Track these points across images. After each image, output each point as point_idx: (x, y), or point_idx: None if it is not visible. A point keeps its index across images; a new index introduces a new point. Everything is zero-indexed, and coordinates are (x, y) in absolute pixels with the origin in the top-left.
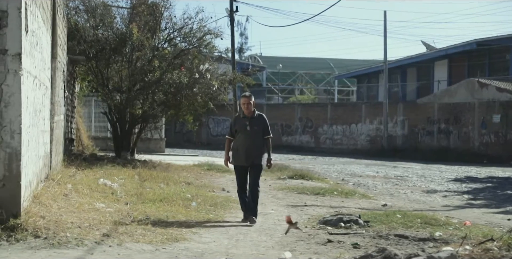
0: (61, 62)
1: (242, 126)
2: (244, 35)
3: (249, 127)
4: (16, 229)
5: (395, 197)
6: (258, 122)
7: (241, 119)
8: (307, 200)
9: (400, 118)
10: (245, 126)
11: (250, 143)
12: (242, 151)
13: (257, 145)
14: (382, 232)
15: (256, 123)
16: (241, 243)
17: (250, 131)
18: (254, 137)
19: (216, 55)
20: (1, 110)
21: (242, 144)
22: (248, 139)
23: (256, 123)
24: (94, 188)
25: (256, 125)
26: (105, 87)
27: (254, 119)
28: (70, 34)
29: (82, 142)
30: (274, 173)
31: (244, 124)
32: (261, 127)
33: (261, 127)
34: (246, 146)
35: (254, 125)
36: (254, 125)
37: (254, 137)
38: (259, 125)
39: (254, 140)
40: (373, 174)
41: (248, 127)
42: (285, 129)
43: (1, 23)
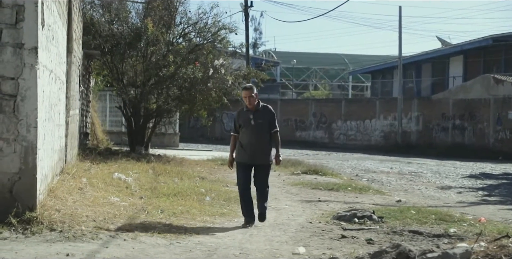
0: (76, 57)
1: (245, 120)
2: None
3: (253, 121)
4: (32, 222)
5: (409, 193)
6: (263, 115)
7: (245, 113)
8: (321, 195)
9: (415, 114)
10: (249, 120)
11: (255, 138)
12: (247, 148)
13: (263, 141)
14: (396, 228)
15: (261, 116)
16: (254, 238)
17: (254, 125)
18: (259, 131)
19: (230, 50)
20: (18, 104)
21: (247, 140)
22: (253, 134)
23: (261, 116)
24: (109, 182)
25: (260, 118)
26: (119, 82)
27: (258, 112)
28: (85, 29)
29: (96, 136)
30: (287, 168)
31: (247, 118)
32: (267, 120)
33: (267, 121)
34: (250, 142)
35: (258, 119)
36: (259, 118)
37: (259, 131)
38: (264, 118)
39: (260, 135)
40: (387, 170)
41: (252, 120)
42: (299, 124)
43: (18, 17)
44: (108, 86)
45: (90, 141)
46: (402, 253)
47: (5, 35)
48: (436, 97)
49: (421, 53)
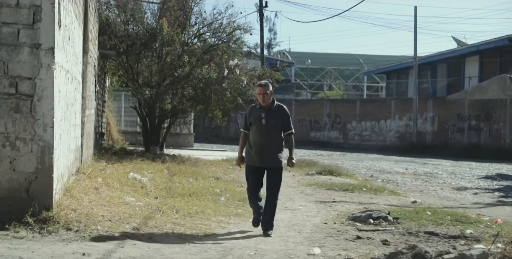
0: (92, 57)
1: (257, 118)
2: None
3: (264, 120)
4: (48, 222)
5: (424, 194)
6: (276, 114)
7: (257, 110)
8: (335, 196)
9: (430, 115)
10: (260, 118)
11: (265, 139)
12: (256, 148)
13: (274, 143)
14: (412, 229)
15: (274, 115)
16: (269, 239)
17: (265, 125)
18: (270, 132)
19: (245, 51)
20: (34, 104)
21: (256, 140)
22: (263, 134)
23: (273, 116)
24: (124, 182)
25: (273, 118)
26: (135, 82)
27: (271, 110)
28: (101, 29)
29: (112, 136)
30: (302, 169)
31: (259, 116)
32: (280, 120)
33: (280, 121)
34: (260, 143)
35: (270, 118)
36: (271, 118)
37: (271, 132)
38: (277, 118)
39: (271, 136)
40: (402, 170)
41: (264, 120)
42: (314, 125)
43: (35, 17)
44: (124, 86)
45: (105, 141)
46: (418, 254)
47: (22, 35)
48: (452, 98)
49: (437, 53)
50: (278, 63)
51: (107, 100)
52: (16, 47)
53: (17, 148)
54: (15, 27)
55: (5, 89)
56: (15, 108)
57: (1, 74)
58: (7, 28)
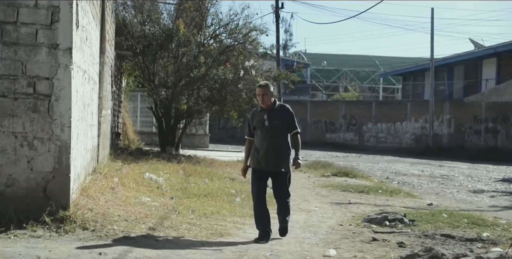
0: (109, 57)
1: (259, 121)
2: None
3: (267, 122)
4: (65, 221)
5: (440, 196)
6: (279, 115)
7: (259, 113)
8: (351, 198)
9: (446, 117)
10: (263, 121)
11: (270, 142)
12: (261, 152)
13: (279, 145)
14: (428, 231)
15: (277, 116)
16: (285, 240)
17: (269, 127)
18: (275, 134)
19: (261, 52)
20: (52, 104)
21: (261, 144)
22: (268, 137)
23: (276, 117)
24: (140, 182)
25: (276, 119)
26: (151, 82)
27: (274, 111)
28: (118, 30)
29: (128, 137)
30: (317, 170)
31: (261, 119)
32: (284, 121)
33: (284, 121)
34: (265, 146)
35: (274, 119)
36: (274, 119)
37: (275, 134)
38: (280, 119)
39: (276, 138)
40: (418, 173)
41: (267, 121)
42: (329, 126)
43: (53, 18)
44: (140, 87)
45: (121, 141)
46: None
47: (40, 35)
48: (469, 100)
49: (454, 55)
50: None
51: (123, 101)
52: (34, 47)
53: (35, 147)
54: (33, 27)
55: (23, 89)
56: (33, 108)
57: (20, 74)
58: (26, 28)
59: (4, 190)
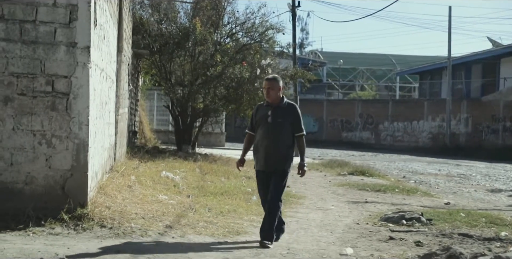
0: (126, 56)
1: (262, 116)
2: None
3: (270, 119)
4: (83, 219)
5: (458, 195)
6: (284, 113)
7: (264, 108)
8: (367, 196)
9: (464, 116)
10: (266, 117)
11: (271, 140)
12: (261, 152)
13: (281, 144)
14: (446, 230)
15: (282, 114)
16: (302, 238)
17: (272, 125)
18: (277, 132)
19: (277, 50)
20: (70, 102)
21: (262, 142)
22: (269, 135)
23: (281, 114)
24: (157, 180)
25: (280, 117)
26: (168, 81)
27: (279, 108)
28: (135, 28)
29: (144, 135)
30: (334, 169)
31: (265, 115)
32: (289, 120)
33: (288, 120)
34: (265, 144)
35: (278, 117)
36: (278, 116)
37: (277, 132)
38: (285, 118)
39: (277, 137)
40: (435, 172)
41: (270, 118)
42: (345, 125)
43: (71, 16)
44: (156, 85)
45: (138, 140)
46: (453, 256)
47: (59, 34)
48: (486, 99)
49: (471, 53)
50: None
51: (140, 99)
52: (53, 46)
53: (53, 145)
54: (52, 26)
55: (41, 87)
56: (51, 106)
57: (38, 72)
58: (44, 27)
59: (23, 188)
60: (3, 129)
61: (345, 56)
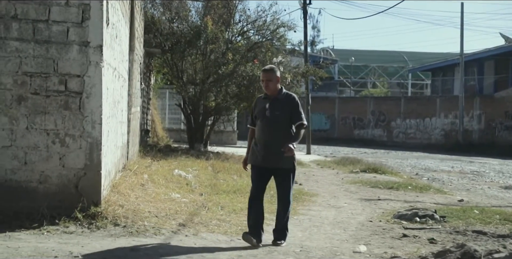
0: (138, 55)
1: (260, 110)
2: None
3: (268, 112)
4: (97, 217)
5: (471, 192)
6: (283, 105)
7: (262, 101)
8: (380, 194)
9: (477, 112)
10: (264, 110)
11: (270, 135)
12: (260, 147)
13: (280, 139)
14: (459, 227)
15: (280, 106)
16: (315, 236)
17: (270, 118)
18: (275, 126)
19: (288, 48)
20: (83, 101)
21: (260, 137)
22: (267, 129)
23: (279, 107)
24: (169, 178)
25: (279, 109)
26: (179, 80)
27: (277, 101)
28: (146, 27)
29: (157, 134)
30: (346, 167)
31: (263, 108)
32: (287, 112)
33: (287, 112)
34: (264, 139)
35: (276, 109)
36: (277, 109)
37: (276, 126)
38: (283, 110)
39: (277, 130)
40: (448, 169)
41: (268, 111)
42: (357, 122)
43: (84, 16)
44: (168, 84)
45: (150, 138)
46: (467, 253)
47: (71, 33)
48: (499, 95)
49: (484, 50)
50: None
51: (152, 98)
52: (66, 45)
53: (67, 144)
54: (64, 25)
55: (55, 87)
56: (64, 105)
57: (51, 71)
58: (57, 27)
59: (37, 187)
60: (17, 128)
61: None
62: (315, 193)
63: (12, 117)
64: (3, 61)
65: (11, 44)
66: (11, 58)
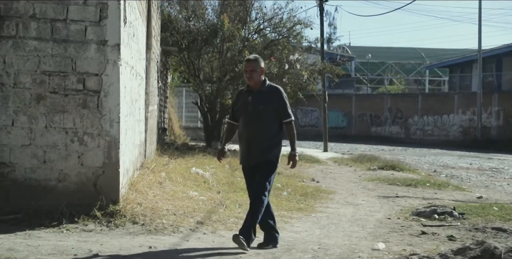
0: (155, 53)
1: (242, 104)
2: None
3: (251, 106)
4: (115, 215)
5: (490, 189)
6: (267, 98)
7: (244, 94)
8: (398, 191)
9: (495, 109)
10: (246, 104)
11: (252, 131)
12: (243, 145)
13: (263, 135)
14: (478, 224)
15: (264, 100)
16: (333, 233)
17: (252, 113)
18: (258, 122)
19: (305, 45)
20: (101, 100)
21: (243, 133)
22: (250, 125)
23: (263, 101)
24: (187, 176)
25: (262, 104)
26: (196, 78)
27: (261, 94)
28: (163, 26)
29: (174, 132)
30: (363, 164)
31: (245, 102)
32: (272, 106)
33: (272, 107)
34: (246, 136)
35: (259, 103)
36: (260, 103)
37: (259, 122)
38: (267, 104)
39: (259, 127)
40: (467, 165)
41: (250, 106)
42: (374, 119)
43: (102, 15)
44: (185, 82)
45: (167, 136)
46: (487, 250)
47: (89, 32)
48: None
49: (502, 46)
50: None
51: (169, 96)
52: (84, 44)
53: (85, 143)
54: (82, 24)
55: (73, 85)
56: (82, 104)
57: (70, 70)
58: (75, 26)
59: (56, 185)
60: (36, 127)
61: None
62: (333, 190)
63: (31, 116)
64: (22, 60)
65: (30, 43)
66: (30, 57)
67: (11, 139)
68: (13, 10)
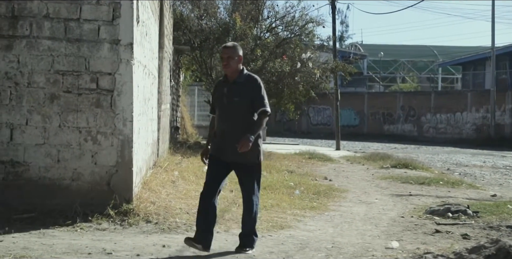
0: (167, 52)
1: (218, 96)
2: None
3: (226, 98)
4: (129, 214)
5: (504, 187)
6: (242, 89)
7: (221, 85)
8: (411, 189)
9: (509, 106)
10: (222, 96)
11: (228, 125)
12: (218, 138)
13: (240, 130)
14: (493, 223)
15: (239, 91)
16: (346, 232)
17: (227, 105)
18: (235, 114)
19: (317, 44)
20: (114, 99)
21: (218, 127)
22: (226, 118)
23: (239, 92)
24: (200, 175)
25: (238, 95)
26: (208, 76)
27: (237, 85)
28: (175, 25)
29: (186, 131)
30: (376, 162)
31: (221, 94)
32: (247, 98)
33: (247, 98)
34: (221, 129)
35: (235, 95)
36: (236, 94)
37: (236, 114)
38: (243, 96)
39: (235, 119)
40: (480, 163)
41: (225, 97)
42: (387, 117)
43: (114, 14)
44: (197, 81)
45: (180, 135)
46: (502, 249)
47: (102, 31)
48: None
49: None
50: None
51: (181, 95)
52: (97, 43)
53: (99, 142)
54: (95, 23)
55: (86, 85)
56: (96, 103)
57: (83, 70)
58: (88, 25)
59: (70, 184)
60: (49, 126)
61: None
62: (346, 189)
63: (45, 115)
64: (36, 60)
65: (44, 43)
66: (44, 57)
67: (25, 138)
68: (26, 10)
